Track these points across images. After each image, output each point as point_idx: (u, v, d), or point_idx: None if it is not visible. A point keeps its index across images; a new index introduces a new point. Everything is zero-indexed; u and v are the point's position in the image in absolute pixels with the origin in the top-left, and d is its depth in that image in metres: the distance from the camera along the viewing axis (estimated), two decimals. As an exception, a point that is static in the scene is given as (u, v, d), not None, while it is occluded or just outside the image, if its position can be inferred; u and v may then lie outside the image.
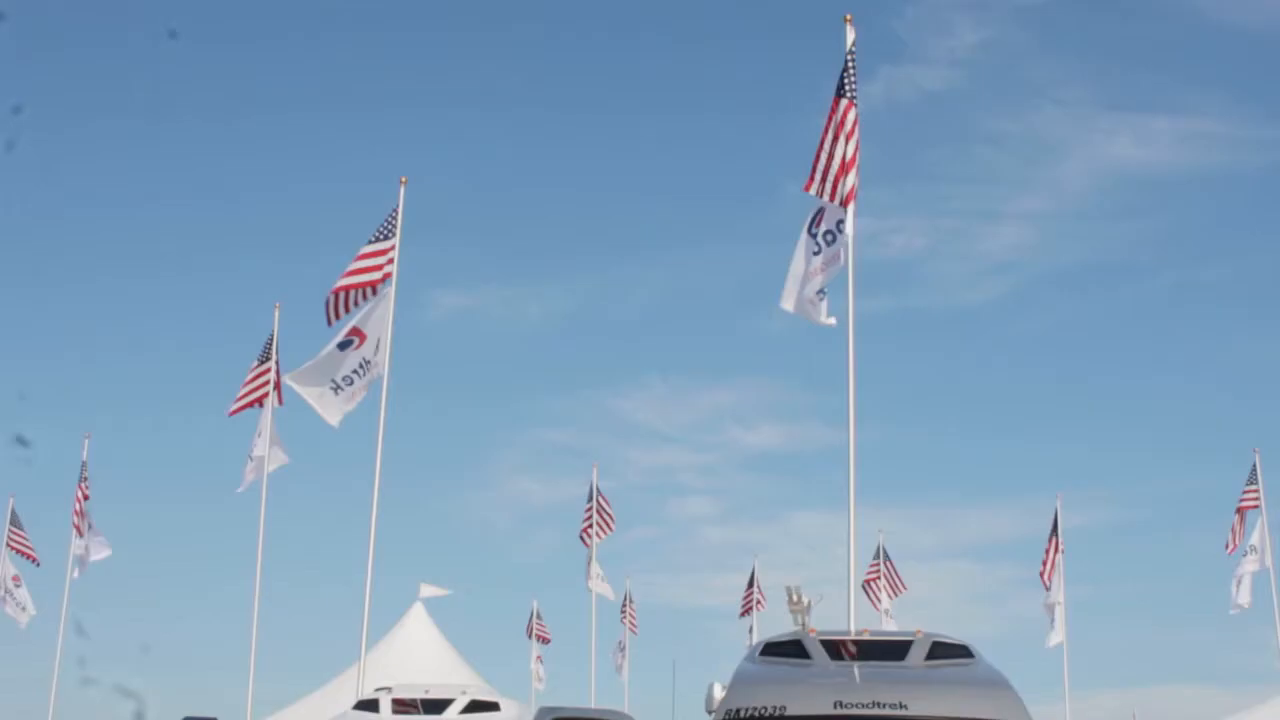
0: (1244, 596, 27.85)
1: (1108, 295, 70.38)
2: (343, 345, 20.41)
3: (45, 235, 62.50)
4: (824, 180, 17.07)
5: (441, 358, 67.32)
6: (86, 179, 69.06)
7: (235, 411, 23.53)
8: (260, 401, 23.44)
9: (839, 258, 17.06)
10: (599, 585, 30.78)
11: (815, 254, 17.28)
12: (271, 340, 23.42)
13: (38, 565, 28.51)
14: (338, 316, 20.26)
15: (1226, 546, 27.43)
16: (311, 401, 20.51)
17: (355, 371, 20.30)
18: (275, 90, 73.77)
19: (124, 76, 69.91)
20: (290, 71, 73.67)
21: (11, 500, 28.65)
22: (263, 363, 23.51)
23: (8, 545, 28.29)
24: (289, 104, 72.61)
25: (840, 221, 17.02)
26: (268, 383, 23.39)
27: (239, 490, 23.60)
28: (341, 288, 20.27)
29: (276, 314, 23.62)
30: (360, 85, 73.68)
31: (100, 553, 26.72)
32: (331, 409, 20.51)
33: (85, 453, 26.88)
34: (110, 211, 69.32)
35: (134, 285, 68.45)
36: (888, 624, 31.96)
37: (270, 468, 23.42)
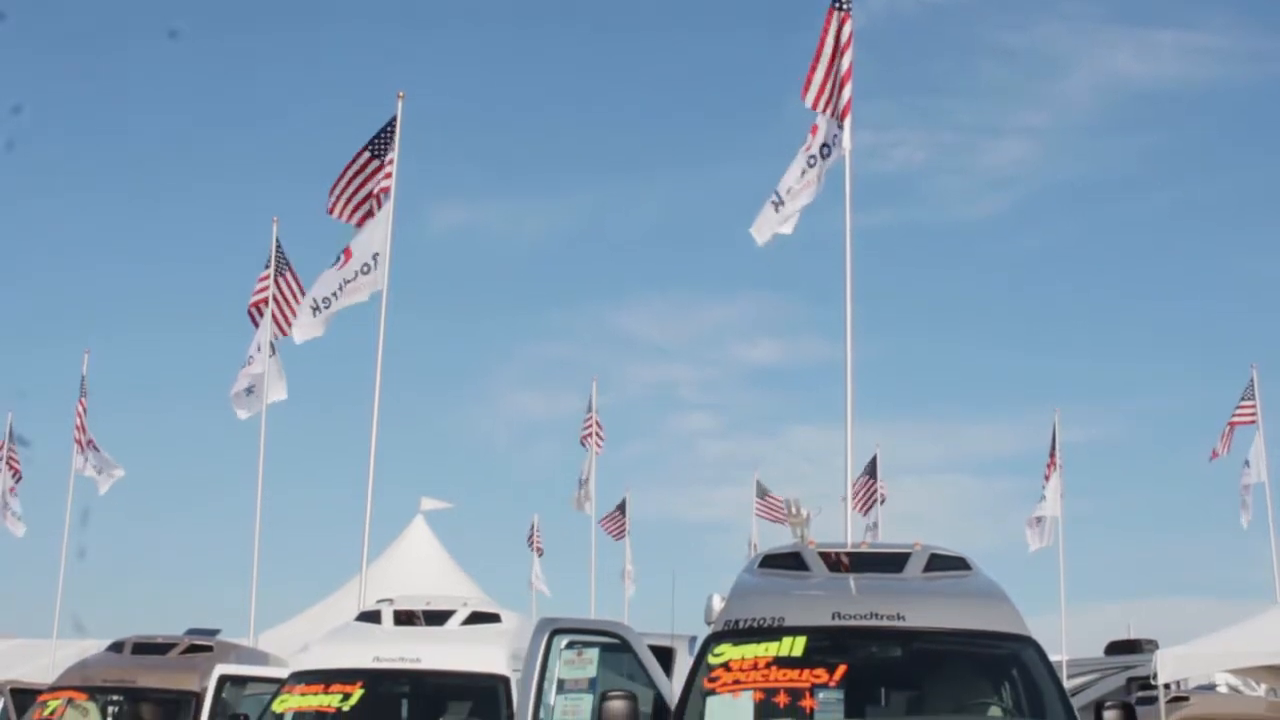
0: (1248, 515, 28.08)
1: (1108, 210, 70.11)
2: (333, 263, 20.38)
3: (41, 150, 62.09)
4: (819, 93, 16.97)
5: (441, 273, 67.20)
6: (81, 97, 68.55)
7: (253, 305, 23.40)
8: (260, 308, 23.30)
9: (821, 177, 16.98)
10: (584, 503, 30.89)
11: (801, 174, 17.20)
12: (272, 253, 23.31)
13: (19, 479, 28.61)
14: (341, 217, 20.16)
15: (1213, 454, 27.49)
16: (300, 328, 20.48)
17: (334, 294, 20.25)
18: (271, 5, 73.01)
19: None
20: (285, -17, 72.86)
21: (11, 416, 28.81)
22: (275, 273, 23.38)
23: (7, 462, 28.43)
24: (286, 18, 71.88)
25: (836, 135, 16.92)
26: (268, 294, 23.27)
27: (242, 417, 23.55)
28: (344, 204, 20.13)
29: (274, 228, 23.55)
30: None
31: (112, 476, 26.78)
32: (302, 328, 20.52)
33: (85, 368, 26.99)
34: (106, 127, 68.86)
35: (131, 201, 68.13)
36: (875, 538, 32.15)
37: (269, 399, 23.29)
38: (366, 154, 20.41)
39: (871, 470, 35.12)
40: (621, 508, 38.47)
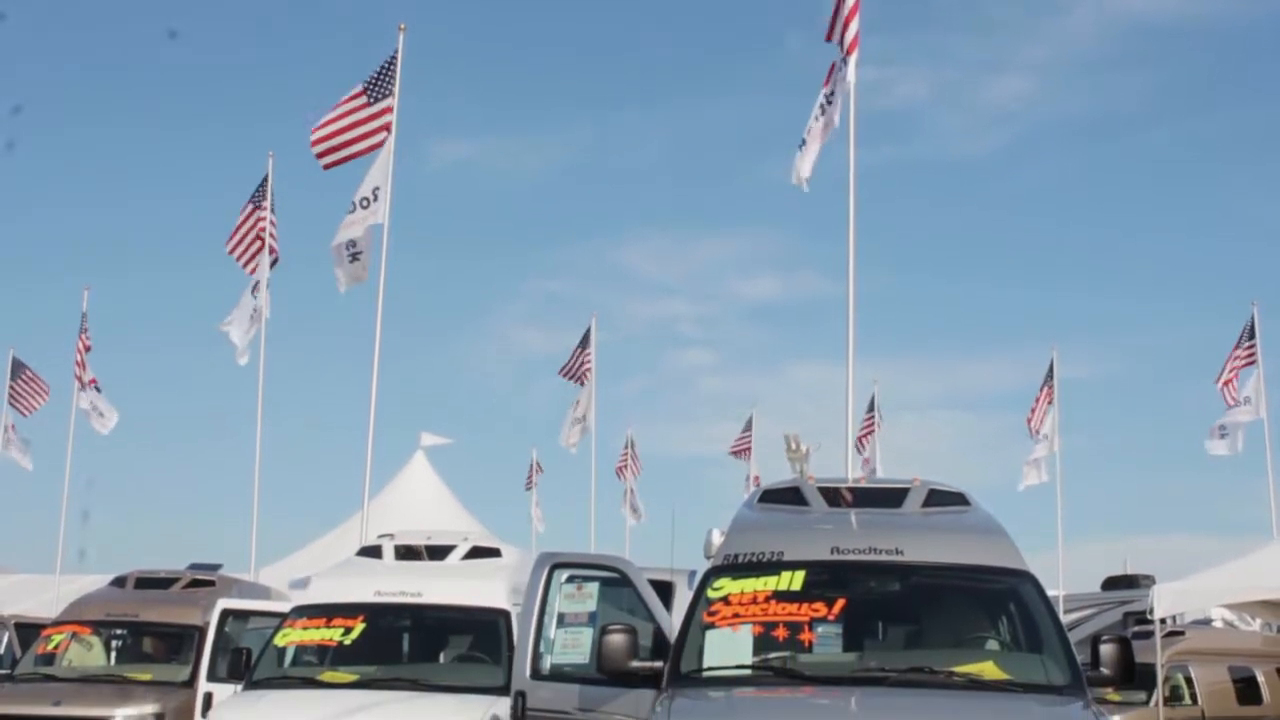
0: (1222, 448, 27.95)
1: (1109, 147, 69.82)
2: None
3: (39, 89, 61.69)
4: (832, 28, 16.93)
5: (441, 209, 67.01)
6: (75, 33, 68.00)
7: (233, 250, 23.15)
8: (257, 245, 23.11)
9: (834, 120, 16.97)
10: (574, 438, 30.82)
11: (817, 119, 17.19)
12: (269, 189, 23.15)
13: (25, 416, 28.67)
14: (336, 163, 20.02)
15: (1217, 380, 27.35)
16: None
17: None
18: (267, -65, 72.29)
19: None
20: (282, -85, 72.15)
21: (11, 351, 28.80)
22: (258, 208, 23.17)
23: (8, 399, 28.46)
24: (281, -51, 71.23)
25: (842, 71, 16.86)
26: (263, 229, 23.09)
27: (240, 362, 23.45)
28: (339, 146, 19.96)
29: (270, 162, 23.42)
30: (354, -70, 72.19)
31: (109, 420, 26.77)
32: (345, 277, 20.43)
33: (85, 304, 26.97)
34: (104, 64, 68.41)
35: (130, 137, 67.81)
36: (873, 474, 32.24)
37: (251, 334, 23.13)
38: (363, 98, 20.24)
39: (870, 407, 35.16)
40: (629, 446, 38.58)
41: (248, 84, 68.78)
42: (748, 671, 8.10)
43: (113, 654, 18.16)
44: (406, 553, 13.71)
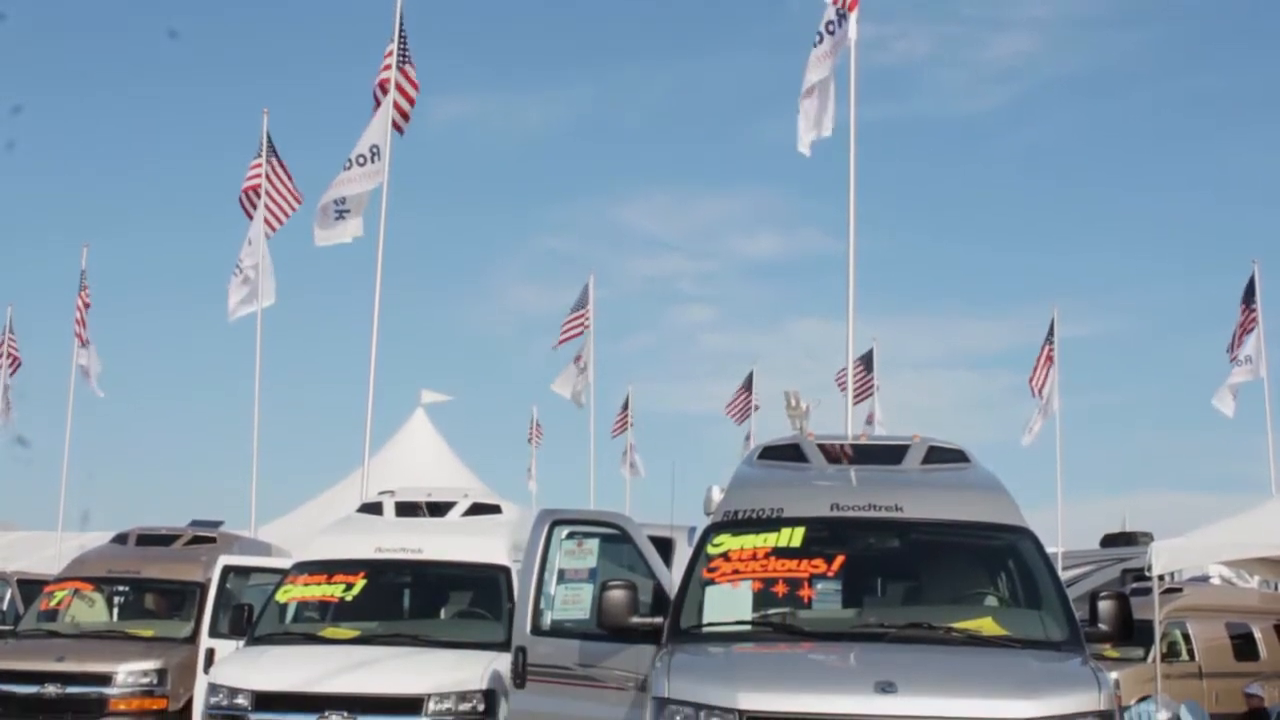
0: (1228, 406, 28.01)
1: (1110, 104, 69.46)
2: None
3: (37, 46, 61.38)
4: None
5: (440, 166, 66.72)
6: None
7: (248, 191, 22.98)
8: (252, 195, 22.94)
9: (834, 52, 16.82)
10: (577, 383, 30.72)
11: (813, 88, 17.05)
12: (264, 144, 23.00)
13: (14, 371, 28.62)
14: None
15: (1243, 364, 27.34)
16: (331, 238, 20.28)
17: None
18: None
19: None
20: None
21: (10, 309, 28.76)
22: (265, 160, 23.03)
23: (8, 354, 28.44)
24: (279, -96, 70.71)
25: (843, 19, 16.72)
26: (260, 182, 22.94)
27: (230, 320, 23.30)
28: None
29: (265, 120, 23.30)
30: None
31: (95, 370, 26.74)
32: (326, 233, 20.35)
33: (84, 261, 26.92)
34: (99, 21, 67.99)
35: (127, 95, 67.50)
36: (872, 431, 32.26)
37: (262, 302, 22.97)
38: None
39: (868, 363, 35.10)
40: (625, 405, 38.58)
41: (245, 41, 68.43)
42: (747, 627, 8.14)
43: (115, 610, 18.23)
44: (407, 509, 13.74)
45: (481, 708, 11.23)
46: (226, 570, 15.38)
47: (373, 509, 13.94)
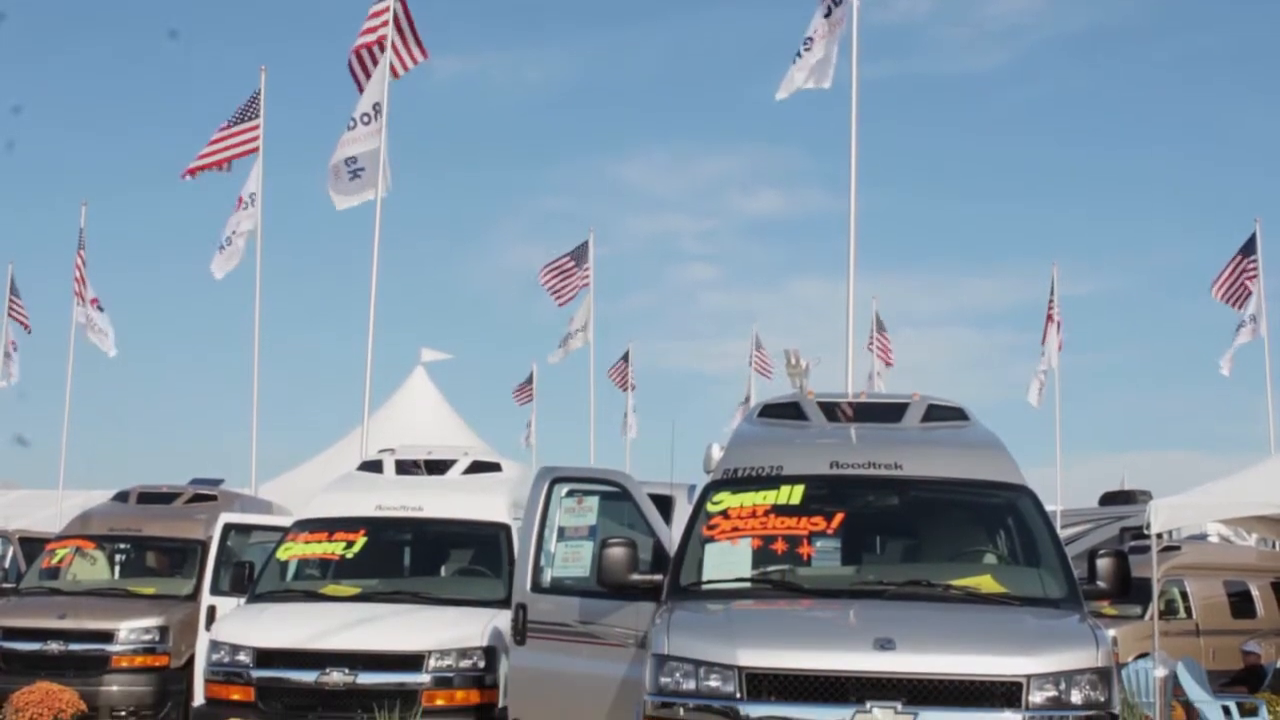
0: (1227, 366, 28.00)
1: (1112, 62, 69.15)
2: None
3: (34, 5, 61.06)
4: None
5: (440, 125, 66.49)
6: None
7: (194, 171, 22.75)
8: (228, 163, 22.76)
9: (839, 24, 16.79)
10: (571, 342, 30.63)
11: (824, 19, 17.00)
12: (255, 100, 22.83)
13: (29, 332, 28.65)
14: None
15: (1214, 284, 27.23)
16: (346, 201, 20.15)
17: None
18: None
19: None
20: None
21: (10, 268, 28.71)
22: (241, 122, 22.81)
23: (8, 313, 28.41)
24: None
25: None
26: (252, 142, 22.76)
27: (217, 276, 23.17)
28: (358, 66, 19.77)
29: (263, 77, 23.16)
30: None
31: (108, 339, 26.67)
32: (342, 196, 20.23)
33: (83, 220, 26.85)
34: (96, -27, 67.61)
35: (124, 53, 67.17)
36: (878, 389, 32.28)
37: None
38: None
39: (877, 324, 35.13)
40: (626, 358, 38.55)
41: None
42: (747, 584, 8.16)
43: (116, 568, 18.29)
44: (407, 467, 13.76)
45: (482, 664, 11.28)
46: (227, 528, 15.41)
47: (373, 467, 13.96)
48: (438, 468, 13.79)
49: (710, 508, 8.48)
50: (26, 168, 63.28)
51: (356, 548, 12.76)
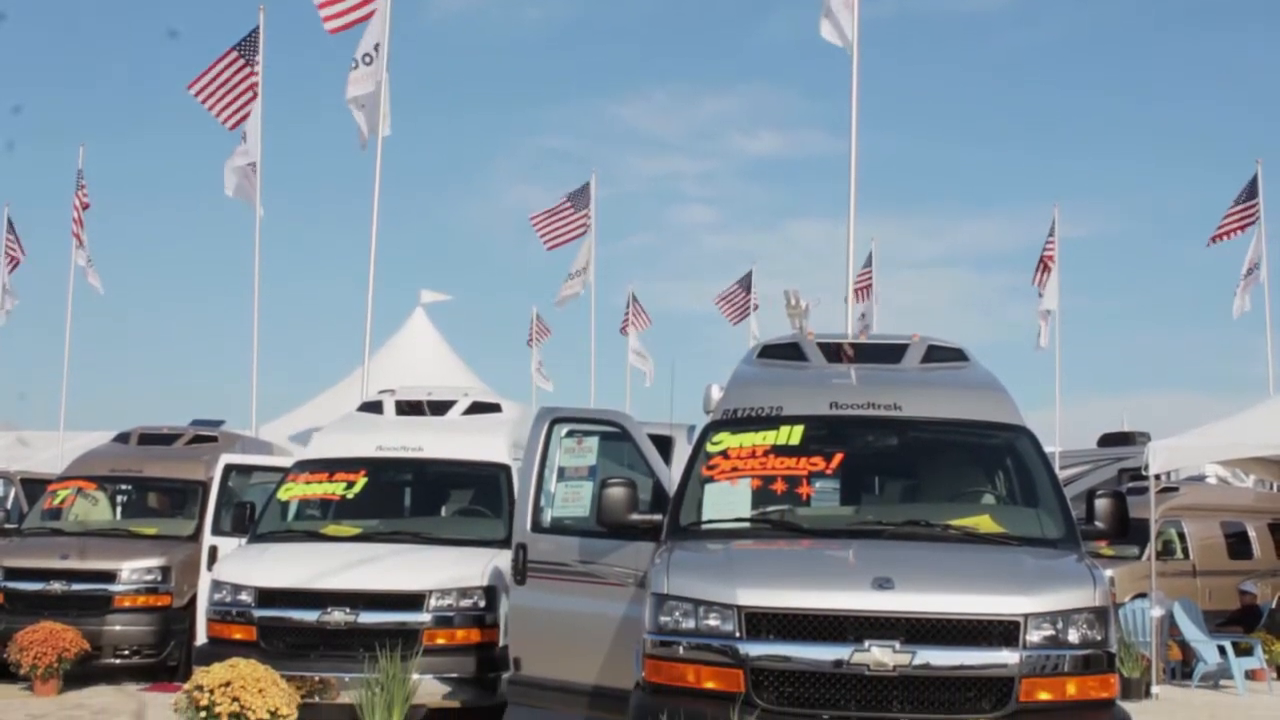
0: (1237, 310, 28.00)
1: (1114, 4, 68.65)
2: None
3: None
4: None
5: (438, 65, 66.10)
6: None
7: (206, 98, 22.62)
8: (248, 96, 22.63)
9: None
10: (570, 286, 30.52)
11: None
12: (254, 38, 22.64)
13: (16, 265, 28.47)
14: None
15: (1213, 240, 27.14)
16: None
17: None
18: None
19: None
20: None
21: (7, 208, 28.58)
22: (241, 58, 22.64)
23: (5, 253, 28.30)
24: None
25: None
26: (253, 85, 22.66)
27: (229, 193, 23.06)
28: (343, 12, 19.59)
29: (261, 16, 22.97)
30: None
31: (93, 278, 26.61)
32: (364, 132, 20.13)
33: (81, 160, 26.71)
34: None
35: (120, -11, 66.63)
36: (870, 330, 32.22)
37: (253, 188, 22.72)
38: None
39: (867, 264, 35.01)
40: (632, 301, 38.48)
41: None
42: (746, 524, 8.19)
43: (118, 509, 18.36)
44: (407, 408, 13.77)
45: (482, 604, 11.34)
46: (228, 469, 15.45)
47: (373, 408, 13.97)
48: (438, 408, 13.79)
49: (710, 448, 8.49)
50: (24, 109, 62.86)
51: (357, 488, 12.79)
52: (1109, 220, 65.41)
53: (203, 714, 10.19)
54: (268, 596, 11.42)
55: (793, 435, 8.43)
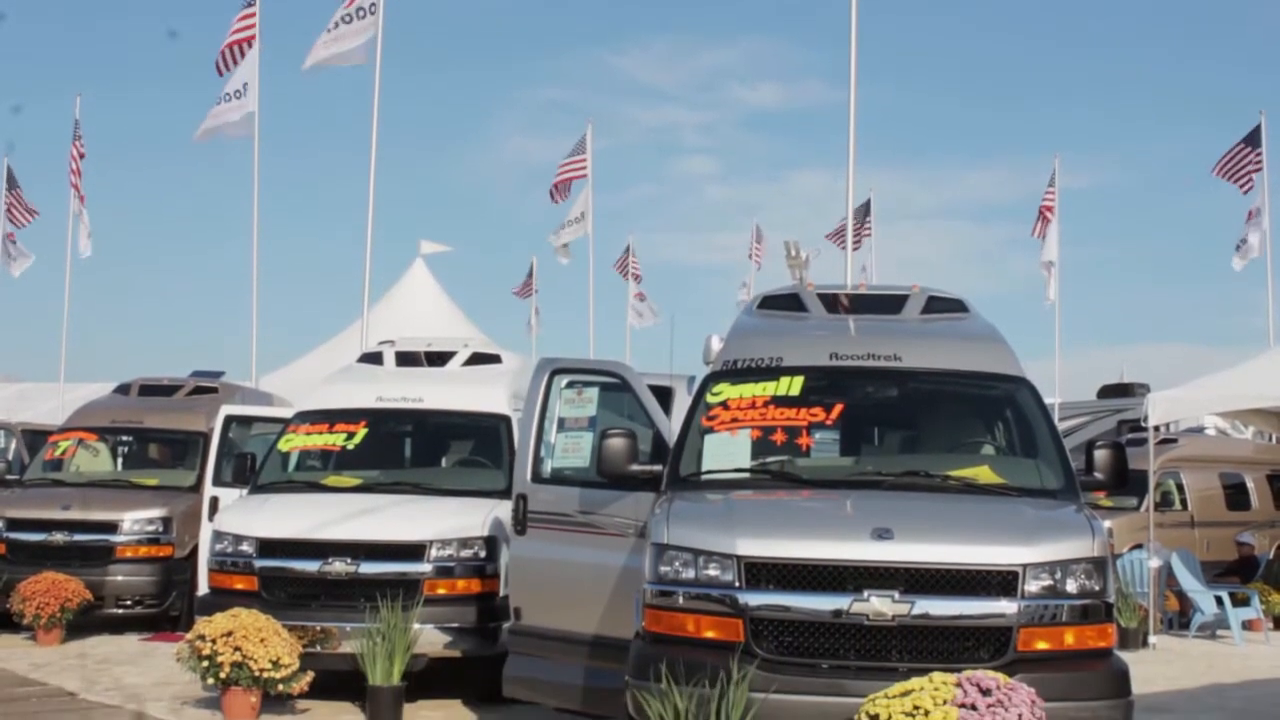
0: (1239, 262, 27.94)
1: (1119, -49, 68.09)
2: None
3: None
4: None
5: (437, 15, 65.73)
6: None
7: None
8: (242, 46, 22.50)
9: None
10: (565, 234, 30.35)
11: None
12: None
13: (26, 224, 28.36)
14: None
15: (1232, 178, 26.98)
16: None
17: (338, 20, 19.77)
18: None
19: None
20: None
21: (5, 162, 28.46)
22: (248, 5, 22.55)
23: (6, 209, 28.18)
24: None
25: None
26: (248, 30, 22.50)
27: (195, 139, 22.87)
28: None
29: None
30: None
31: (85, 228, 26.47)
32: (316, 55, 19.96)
33: (77, 111, 26.60)
34: None
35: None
36: (873, 281, 32.17)
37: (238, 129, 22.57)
38: None
39: (865, 213, 34.92)
40: (628, 251, 38.42)
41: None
42: (746, 475, 8.19)
43: (119, 460, 18.42)
44: (407, 359, 13.76)
45: (483, 554, 11.38)
46: (229, 420, 15.48)
47: (373, 359, 13.96)
48: (437, 359, 13.78)
49: (710, 399, 8.49)
50: (20, 59, 62.57)
51: (357, 439, 12.80)
52: (1109, 171, 65.28)
53: (205, 663, 10.26)
54: (269, 547, 11.46)
55: (792, 386, 8.42)
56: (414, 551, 11.33)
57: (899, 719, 6.45)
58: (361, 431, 12.82)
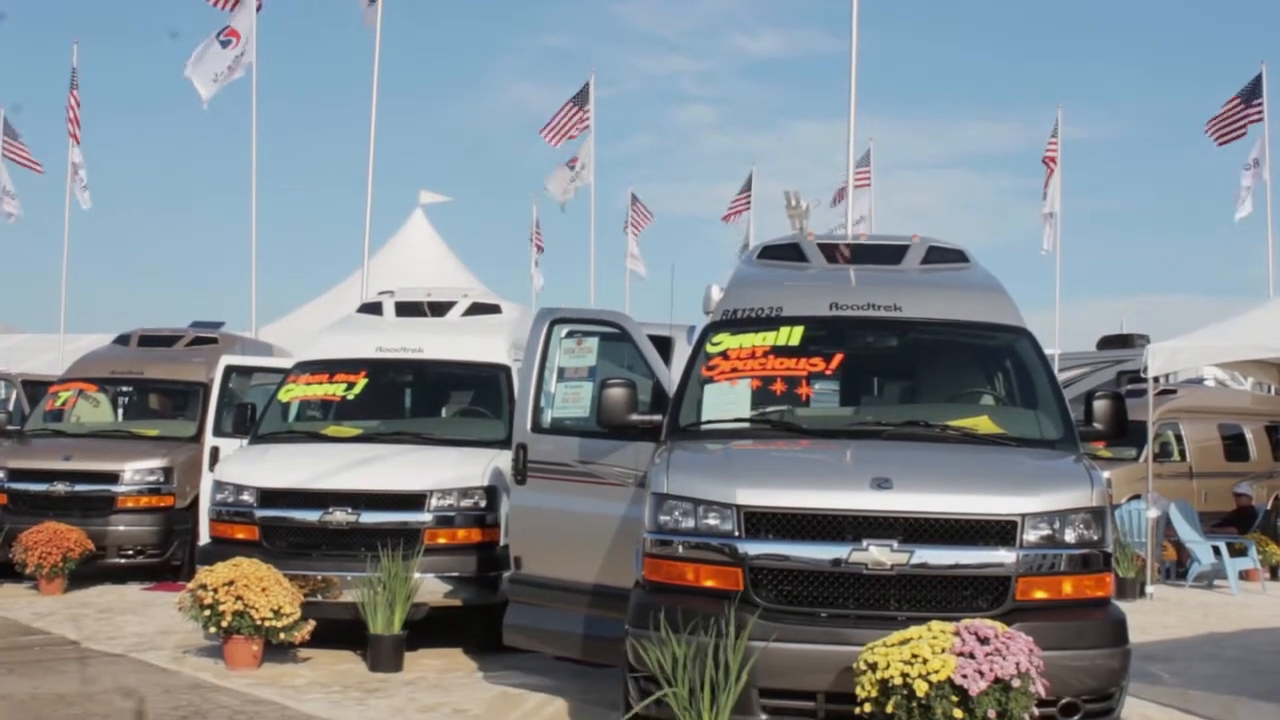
0: (1244, 210, 27.90)
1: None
2: None
3: None
4: None
5: (434, -37, 65.22)
6: None
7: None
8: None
9: None
10: (569, 189, 30.19)
11: None
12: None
13: (40, 173, 28.30)
14: None
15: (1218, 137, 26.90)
16: None
17: None
18: None
19: None
20: None
21: (2, 111, 28.32)
22: None
23: (3, 154, 28.05)
24: None
25: None
26: None
27: (204, 107, 22.85)
28: None
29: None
30: None
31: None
32: None
33: (75, 59, 26.46)
34: None
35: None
36: (868, 230, 32.06)
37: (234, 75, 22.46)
38: None
39: (865, 163, 34.77)
40: (634, 200, 38.27)
41: None
42: (745, 425, 8.20)
43: (119, 411, 18.44)
44: (407, 309, 13.74)
45: (483, 504, 11.40)
46: (229, 370, 15.48)
47: (373, 309, 13.95)
48: (437, 309, 13.77)
49: (709, 349, 8.49)
50: (16, 8, 62.15)
51: (357, 389, 12.81)
52: (1111, 122, 65.02)
53: (207, 612, 10.31)
54: (270, 497, 11.48)
55: (792, 336, 8.42)
56: (414, 501, 11.36)
57: (897, 667, 6.50)
58: (361, 382, 12.82)
